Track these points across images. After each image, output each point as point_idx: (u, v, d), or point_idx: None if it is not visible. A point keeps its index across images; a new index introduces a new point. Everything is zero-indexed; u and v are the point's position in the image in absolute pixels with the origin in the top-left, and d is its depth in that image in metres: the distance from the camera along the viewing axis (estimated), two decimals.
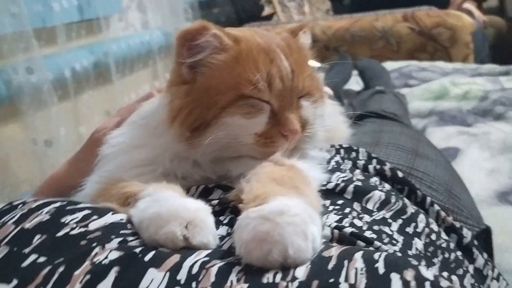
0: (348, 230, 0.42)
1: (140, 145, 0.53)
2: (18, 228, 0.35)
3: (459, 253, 0.51)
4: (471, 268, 0.52)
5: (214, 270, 0.33)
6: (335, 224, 0.43)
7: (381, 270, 0.32)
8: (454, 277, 0.46)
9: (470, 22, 2.09)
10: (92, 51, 1.84)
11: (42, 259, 0.32)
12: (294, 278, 0.31)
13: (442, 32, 2.09)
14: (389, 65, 2.00)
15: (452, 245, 0.51)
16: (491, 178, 1.07)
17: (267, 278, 0.32)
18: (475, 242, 0.56)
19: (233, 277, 0.32)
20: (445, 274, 0.45)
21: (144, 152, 0.52)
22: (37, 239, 0.34)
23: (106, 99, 1.95)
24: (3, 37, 1.32)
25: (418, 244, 0.47)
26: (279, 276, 0.32)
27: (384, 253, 0.34)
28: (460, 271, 0.48)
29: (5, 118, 1.41)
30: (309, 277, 0.31)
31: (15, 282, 0.31)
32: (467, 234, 0.56)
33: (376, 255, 0.33)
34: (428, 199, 0.57)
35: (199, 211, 0.39)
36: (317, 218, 0.37)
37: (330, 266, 0.33)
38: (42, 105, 1.47)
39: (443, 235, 0.52)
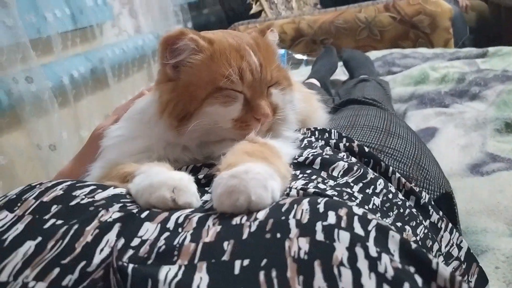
0: (311, 190, 0.50)
1: (136, 136, 0.62)
2: (38, 202, 0.43)
3: (414, 210, 0.59)
4: (427, 222, 0.60)
5: (195, 219, 0.41)
6: (301, 186, 0.51)
7: (321, 209, 0.40)
8: (407, 227, 0.54)
9: (448, 8, 2.16)
10: (88, 58, 1.91)
11: (59, 222, 0.41)
12: (255, 219, 0.40)
13: (422, 19, 2.17)
14: (374, 54, 2.08)
15: (408, 204, 0.59)
16: (464, 153, 1.16)
17: (236, 220, 0.40)
18: (432, 202, 0.65)
19: (210, 222, 0.41)
20: (398, 224, 0.54)
21: (140, 142, 0.61)
22: (54, 208, 0.42)
23: (105, 103, 2.03)
24: (1, 49, 1.38)
25: (376, 201, 0.55)
26: (244, 219, 0.40)
27: (326, 198, 0.42)
28: (413, 223, 0.56)
29: (8, 126, 1.48)
30: (267, 217, 0.40)
31: (39, 238, 0.39)
32: (425, 196, 0.65)
33: (319, 200, 0.42)
34: (391, 168, 0.66)
35: (183, 180, 0.47)
36: (277, 177, 0.46)
37: (283, 209, 0.41)
38: (43, 112, 1.54)
39: (400, 196, 0.60)
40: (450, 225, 0.64)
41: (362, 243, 0.36)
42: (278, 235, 0.37)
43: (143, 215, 0.42)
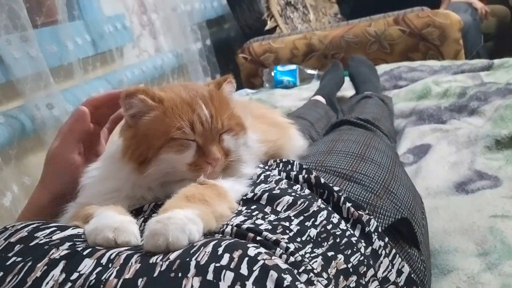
0: (245, 226, 0.57)
1: (108, 177, 0.70)
2: (6, 242, 0.53)
3: (354, 238, 0.65)
4: (368, 249, 0.66)
5: (123, 256, 0.50)
6: (238, 223, 0.59)
7: (220, 252, 0.48)
8: (340, 255, 0.60)
9: (457, 20, 2.17)
10: (108, 80, 2.01)
11: (19, 259, 0.49)
12: (167, 259, 0.48)
13: (431, 32, 2.19)
14: (382, 68, 2.11)
15: (348, 233, 0.65)
16: (453, 170, 1.19)
17: (153, 259, 0.48)
18: (379, 230, 0.70)
19: (134, 259, 0.49)
20: (330, 253, 0.60)
21: (112, 182, 0.69)
22: (17, 247, 0.51)
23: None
24: (25, 78, 1.51)
25: (312, 232, 0.61)
26: (159, 258, 0.48)
27: (229, 241, 0.50)
28: (349, 252, 0.62)
29: (32, 149, 1.59)
30: (176, 258, 0.48)
31: (1, 273, 0.48)
32: (373, 224, 0.70)
33: (223, 243, 0.49)
34: (342, 199, 0.72)
35: (123, 222, 0.56)
36: (198, 221, 0.54)
37: (192, 250, 0.49)
38: None
39: (342, 226, 0.66)
40: (393, 251, 0.69)
41: (242, 281, 0.44)
42: (180, 274, 0.45)
43: (85, 252, 0.50)
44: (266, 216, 0.62)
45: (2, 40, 1.42)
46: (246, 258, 0.47)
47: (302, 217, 0.63)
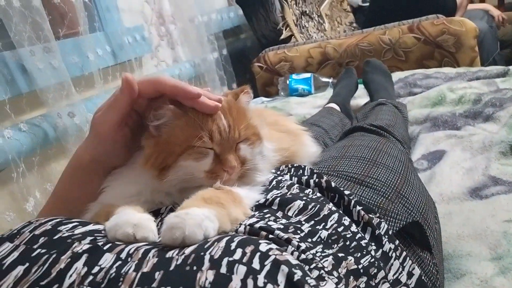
0: (258, 226, 0.60)
1: (130, 181, 0.73)
2: (31, 234, 0.55)
3: (364, 241, 0.66)
4: (379, 252, 0.67)
5: (141, 250, 0.52)
6: (250, 223, 0.61)
7: (233, 247, 0.50)
8: (350, 257, 0.62)
9: (473, 27, 2.17)
10: None
11: (43, 251, 0.52)
12: (183, 253, 0.50)
13: (447, 39, 2.19)
14: (397, 75, 2.11)
15: (358, 236, 0.67)
16: (467, 176, 1.19)
17: (169, 254, 0.50)
18: (389, 233, 0.72)
19: (151, 254, 0.51)
20: (340, 254, 0.61)
21: (132, 187, 0.72)
22: (41, 240, 0.54)
23: None
24: (47, 88, 1.55)
25: (323, 234, 0.63)
26: (175, 253, 0.50)
27: (241, 237, 0.52)
28: (358, 254, 0.63)
29: (55, 156, 1.64)
30: (191, 252, 0.50)
31: (27, 264, 0.50)
32: (383, 227, 0.72)
33: (235, 238, 0.51)
34: (352, 202, 0.74)
35: (142, 218, 0.59)
36: (214, 219, 0.56)
37: (206, 245, 0.51)
38: None
39: (353, 228, 0.67)
40: (404, 253, 0.70)
41: (254, 275, 0.46)
42: (194, 268, 0.47)
43: (106, 247, 0.53)
44: (277, 220, 0.64)
45: (26, 51, 1.47)
46: (258, 253, 0.49)
47: (313, 221, 0.65)
